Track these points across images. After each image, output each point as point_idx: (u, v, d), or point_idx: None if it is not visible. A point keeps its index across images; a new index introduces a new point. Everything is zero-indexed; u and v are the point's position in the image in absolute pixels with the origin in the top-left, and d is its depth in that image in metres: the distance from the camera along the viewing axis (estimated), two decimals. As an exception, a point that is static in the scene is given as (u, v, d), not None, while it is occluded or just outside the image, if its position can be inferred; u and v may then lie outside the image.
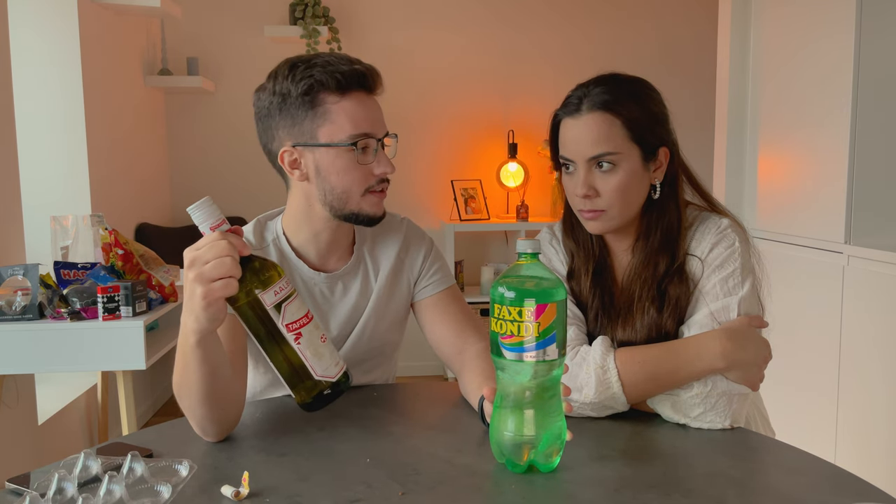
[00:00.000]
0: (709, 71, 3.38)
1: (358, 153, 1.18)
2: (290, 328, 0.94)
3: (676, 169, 1.23)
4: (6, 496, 0.91)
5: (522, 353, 0.91)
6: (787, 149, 2.71)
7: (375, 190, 1.22)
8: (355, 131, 1.17)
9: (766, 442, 1.08)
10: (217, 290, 0.91)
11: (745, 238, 1.20)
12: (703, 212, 1.25)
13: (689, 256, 1.20)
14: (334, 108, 1.17)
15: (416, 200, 4.06)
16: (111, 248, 2.25)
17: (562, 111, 1.20)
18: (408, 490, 0.90)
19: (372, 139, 1.19)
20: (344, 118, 1.17)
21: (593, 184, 1.17)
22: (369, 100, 1.21)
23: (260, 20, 3.81)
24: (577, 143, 1.17)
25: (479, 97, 4.06)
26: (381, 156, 1.21)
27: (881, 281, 2.14)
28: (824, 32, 2.45)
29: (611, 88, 1.17)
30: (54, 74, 2.82)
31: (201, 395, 1.01)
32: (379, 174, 1.20)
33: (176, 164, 3.90)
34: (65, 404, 2.71)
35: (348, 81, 1.17)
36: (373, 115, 1.20)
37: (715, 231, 1.19)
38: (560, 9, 4.05)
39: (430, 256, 1.38)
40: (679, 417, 1.11)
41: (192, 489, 0.91)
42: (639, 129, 1.16)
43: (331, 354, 0.98)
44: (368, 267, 1.34)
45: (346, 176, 1.19)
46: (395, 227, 1.37)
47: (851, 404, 2.26)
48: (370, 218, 1.23)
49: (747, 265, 1.18)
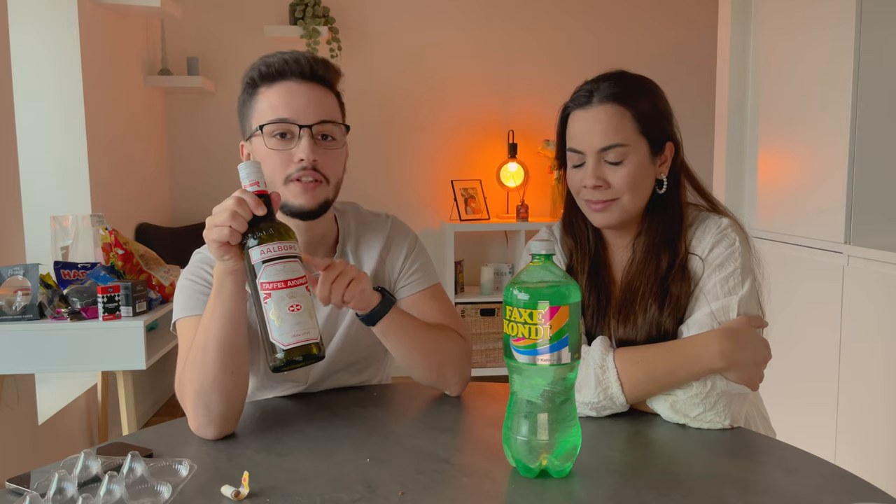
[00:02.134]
0: (709, 70, 3.38)
1: (269, 139, 1.17)
2: (263, 287, 0.98)
3: (679, 167, 1.24)
4: (6, 496, 0.91)
5: (536, 356, 0.90)
6: (787, 149, 2.71)
7: (296, 178, 1.17)
8: (271, 115, 1.17)
9: (766, 442, 1.08)
10: (212, 232, 1.02)
11: (745, 238, 1.20)
12: (703, 212, 1.25)
13: (690, 255, 1.20)
14: (261, 97, 1.20)
15: (416, 200, 4.06)
16: (111, 248, 2.25)
17: (571, 104, 1.22)
18: (408, 490, 0.90)
19: (290, 125, 1.17)
20: (265, 105, 1.19)
21: (603, 175, 1.18)
22: (298, 87, 1.18)
23: (260, 20, 3.81)
24: (587, 134, 1.18)
25: (479, 97, 4.06)
26: (303, 142, 1.16)
27: (881, 281, 2.14)
28: (824, 31, 2.45)
29: (620, 82, 1.19)
30: (54, 74, 2.82)
31: (217, 344, 1.08)
32: (297, 161, 1.16)
33: (176, 164, 3.90)
34: (65, 404, 2.71)
35: (272, 71, 1.19)
36: (296, 102, 1.17)
37: (715, 230, 1.20)
38: (560, 8, 4.05)
39: (412, 255, 1.35)
40: (678, 417, 1.11)
41: (192, 489, 0.91)
42: (647, 122, 1.18)
43: (294, 325, 0.97)
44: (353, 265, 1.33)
45: (267, 162, 1.17)
46: (380, 227, 1.36)
47: (851, 404, 2.26)
48: (298, 210, 1.18)
49: (747, 265, 1.18)
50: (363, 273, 1.13)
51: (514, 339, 0.91)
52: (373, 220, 1.37)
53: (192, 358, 1.11)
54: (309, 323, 0.98)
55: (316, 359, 0.99)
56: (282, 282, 0.98)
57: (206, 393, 1.08)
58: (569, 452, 0.93)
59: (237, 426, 1.12)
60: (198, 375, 1.09)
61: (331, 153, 1.20)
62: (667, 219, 1.22)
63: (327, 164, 1.19)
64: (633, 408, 1.15)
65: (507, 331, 0.92)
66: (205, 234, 1.03)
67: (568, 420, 0.93)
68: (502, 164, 3.98)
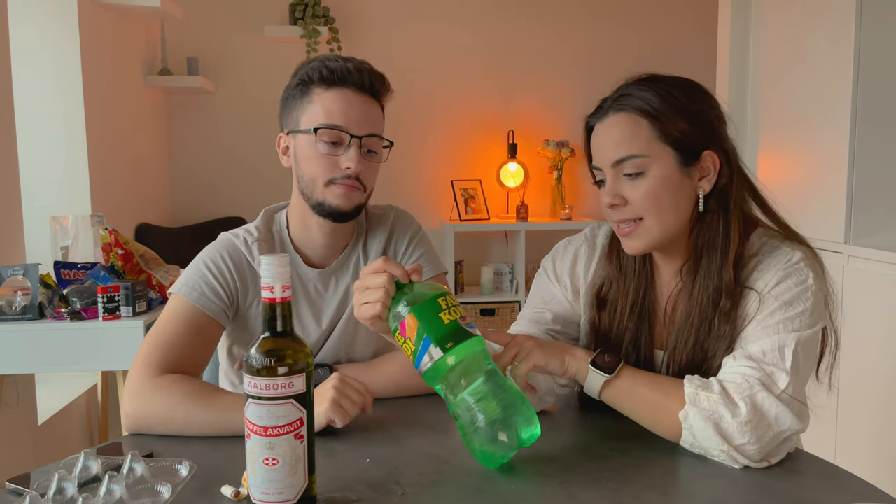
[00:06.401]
0: (709, 71, 3.38)
1: (321, 143, 1.20)
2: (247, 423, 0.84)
3: (732, 179, 1.07)
4: (6, 496, 0.91)
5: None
6: (787, 149, 2.71)
7: (339, 182, 1.22)
8: (326, 121, 1.20)
9: (766, 442, 1.08)
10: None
11: (819, 273, 1.06)
12: (774, 239, 1.09)
13: (748, 290, 1.05)
14: (317, 98, 1.22)
15: (416, 200, 4.06)
16: (111, 248, 2.25)
17: (590, 116, 1.12)
18: (408, 490, 0.90)
19: (343, 133, 1.20)
20: (320, 108, 1.21)
21: (620, 191, 1.05)
22: (356, 97, 1.22)
23: (260, 20, 3.81)
24: (601, 147, 1.08)
25: (479, 97, 4.06)
26: (351, 151, 1.21)
27: (881, 281, 2.14)
28: (824, 33, 2.45)
29: (635, 87, 1.07)
30: (54, 74, 2.82)
31: (219, 432, 1.09)
32: (343, 168, 1.21)
33: (176, 164, 3.90)
34: (65, 404, 2.71)
35: (334, 76, 1.21)
36: (351, 112, 1.21)
37: (784, 264, 1.04)
38: (561, 8, 4.05)
39: (413, 244, 1.38)
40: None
41: (192, 489, 0.91)
42: (670, 128, 1.04)
43: (266, 481, 0.83)
44: (360, 261, 1.35)
45: (312, 163, 1.22)
46: (384, 219, 1.39)
47: (851, 404, 2.26)
48: (335, 210, 1.23)
49: (819, 308, 1.03)
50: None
51: (464, 318, 0.96)
52: (377, 213, 1.40)
53: (187, 404, 1.10)
54: (287, 481, 0.83)
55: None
56: (262, 427, 0.82)
57: (157, 427, 1.10)
58: (524, 415, 0.95)
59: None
60: (170, 417, 1.09)
61: (372, 165, 1.25)
62: (713, 242, 1.06)
63: (367, 175, 1.24)
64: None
65: (452, 316, 0.95)
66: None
67: (505, 390, 0.95)
68: (502, 164, 3.98)
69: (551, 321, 1.21)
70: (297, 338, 0.85)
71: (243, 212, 3.74)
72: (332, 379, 1.08)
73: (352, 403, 1.06)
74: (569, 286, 1.22)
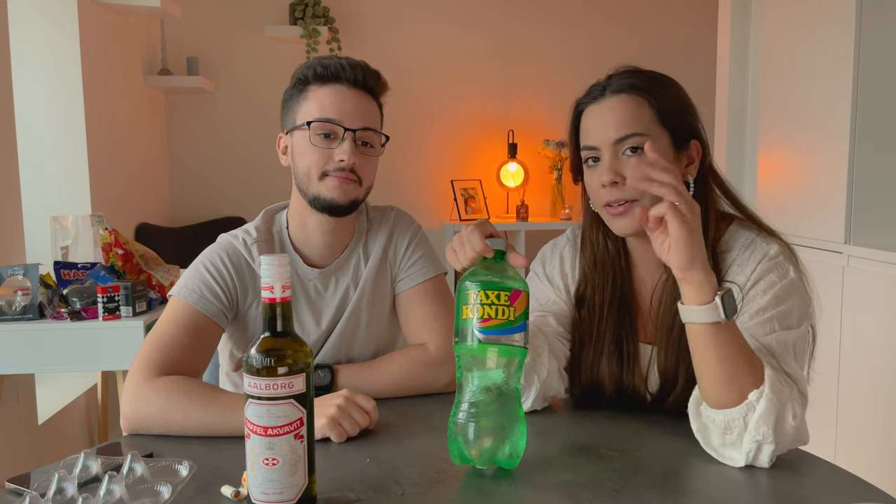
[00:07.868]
0: (709, 71, 3.38)
1: (315, 136, 1.22)
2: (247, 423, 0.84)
3: (706, 171, 1.12)
4: (6, 496, 0.91)
5: (500, 335, 0.90)
6: (787, 149, 2.71)
7: (333, 175, 1.22)
8: (320, 115, 1.22)
9: (766, 442, 1.08)
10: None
11: (797, 267, 1.07)
12: (749, 231, 1.11)
13: (727, 283, 1.05)
14: (312, 94, 1.24)
15: (416, 200, 4.05)
16: (111, 248, 2.25)
17: (584, 99, 1.13)
18: (408, 490, 0.90)
19: (337, 126, 1.22)
20: (314, 103, 1.23)
21: (620, 170, 1.07)
22: (349, 92, 1.24)
23: (260, 20, 3.81)
24: (601, 127, 1.09)
25: (479, 97, 4.06)
26: (345, 144, 1.22)
27: (881, 281, 2.14)
28: (824, 32, 2.45)
29: (635, 73, 1.12)
30: (54, 74, 2.82)
31: (217, 433, 1.09)
32: (337, 160, 1.22)
33: (176, 164, 3.90)
34: (65, 404, 2.71)
35: (328, 72, 1.23)
36: (345, 105, 1.22)
37: (763, 258, 1.06)
38: (560, 8, 4.05)
39: (412, 245, 1.38)
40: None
41: (192, 489, 0.91)
42: (669, 113, 1.08)
43: (266, 481, 0.83)
44: (361, 262, 1.35)
45: (307, 156, 1.23)
46: (385, 220, 1.39)
47: (851, 404, 2.26)
48: (330, 203, 1.24)
49: (805, 304, 1.05)
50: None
51: (482, 320, 0.90)
52: (378, 214, 1.40)
53: (185, 404, 1.10)
54: (287, 481, 0.83)
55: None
56: (261, 427, 0.82)
57: (155, 428, 1.10)
58: (517, 444, 0.94)
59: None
60: (168, 418, 1.10)
61: (367, 158, 1.26)
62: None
63: (363, 168, 1.24)
64: (633, 408, 1.15)
65: (470, 315, 0.91)
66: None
67: (515, 416, 0.94)
68: (502, 164, 3.97)
69: (555, 323, 1.20)
70: (297, 338, 0.85)
71: (243, 212, 3.74)
72: (339, 396, 1.08)
73: (352, 423, 1.06)
74: (562, 287, 1.23)
